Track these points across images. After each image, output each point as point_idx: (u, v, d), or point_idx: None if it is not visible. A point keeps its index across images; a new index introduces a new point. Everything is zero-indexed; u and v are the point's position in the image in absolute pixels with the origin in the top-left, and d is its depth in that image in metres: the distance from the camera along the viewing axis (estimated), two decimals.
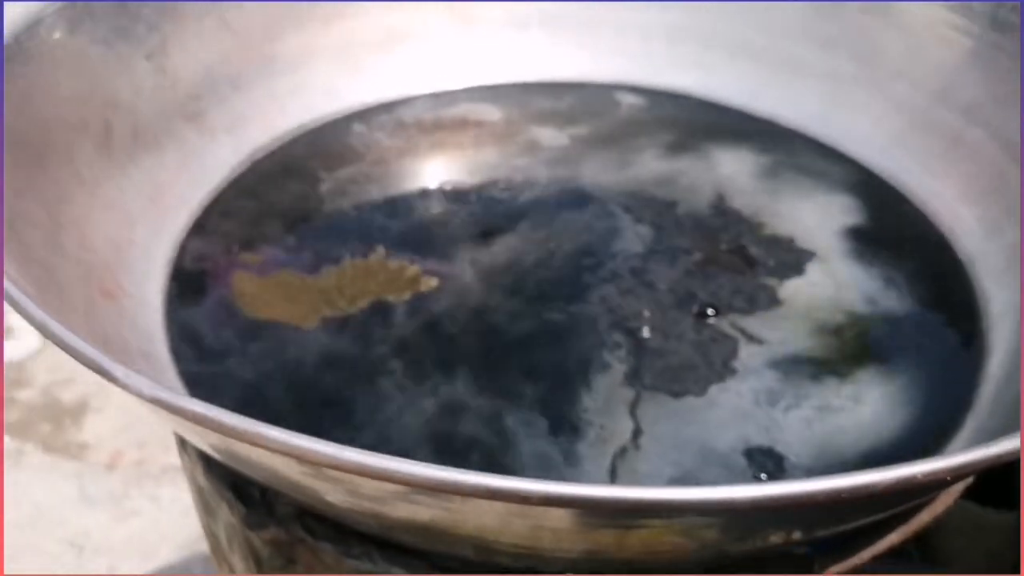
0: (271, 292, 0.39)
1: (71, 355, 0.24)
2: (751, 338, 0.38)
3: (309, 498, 0.27)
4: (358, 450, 0.21)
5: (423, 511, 0.24)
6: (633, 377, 0.36)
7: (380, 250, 0.41)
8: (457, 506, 0.23)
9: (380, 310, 0.38)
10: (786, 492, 0.21)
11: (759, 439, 0.34)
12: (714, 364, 0.37)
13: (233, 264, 0.40)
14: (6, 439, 1.03)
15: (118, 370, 0.23)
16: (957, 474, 0.22)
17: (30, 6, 0.41)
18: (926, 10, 0.48)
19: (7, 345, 1.14)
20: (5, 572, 0.80)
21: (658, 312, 0.39)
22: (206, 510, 0.36)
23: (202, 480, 0.34)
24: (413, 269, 0.40)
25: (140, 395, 0.23)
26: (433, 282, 0.39)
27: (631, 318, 0.39)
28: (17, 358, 1.14)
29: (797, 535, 0.28)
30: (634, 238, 0.43)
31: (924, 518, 0.32)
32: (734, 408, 0.35)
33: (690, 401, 0.35)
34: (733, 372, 0.37)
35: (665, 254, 0.43)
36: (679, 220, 0.45)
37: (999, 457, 0.22)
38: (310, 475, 0.23)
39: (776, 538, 0.28)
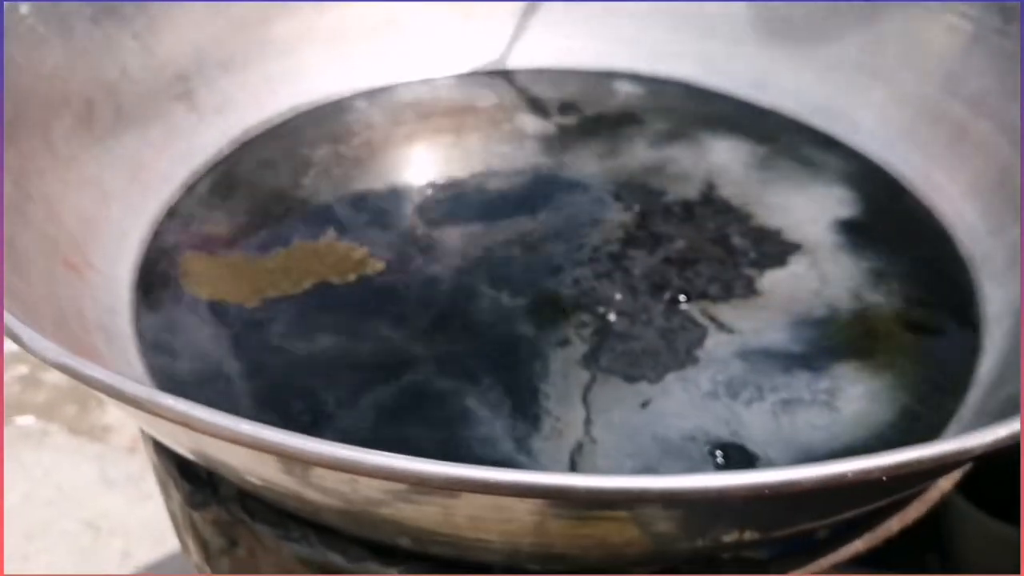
0: (218, 272, 0.39)
1: None
2: (721, 327, 0.37)
3: (221, 471, 0.26)
4: (251, 422, 0.20)
5: (333, 494, 0.23)
6: (591, 359, 0.35)
7: (331, 233, 0.41)
8: (358, 488, 0.22)
9: (321, 291, 0.38)
10: (687, 486, 0.19)
11: (717, 430, 0.32)
12: (677, 352, 0.35)
13: (192, 244, 0.40)
14: (32, 420, 1.05)
15: (25, 332, 0.23)
16: (894, 473, 0.20)
17: None
18: None
19: None
20: (5, 571, 0.81)
21: (629, 297, 0.38)
22: (161, 487, 0.36)
23: (154, 457, 0.34)
24: (361, 251, 0.39)
25: (45, 360, 0.22)
26: (380, 265, 0.39)
27: (602, 302, 0.38)
28: None
29: (750, 535, 0.27)
30: (615, 225, 0.42)
31: (893, 526, 0.30)
32: (689, 398, 0.34)
33: (643, 387, 0.34)
34: (695, 361, 0.35)
35: (645, 241, 0.41)
36: (666, 208, 0.44)
37: (939, 458, 0.21)
38: (201, 448, 0.22)
39: (728, 537, 0.27)
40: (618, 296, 0.38)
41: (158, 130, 0.45)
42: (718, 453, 0.31)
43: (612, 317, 0.36)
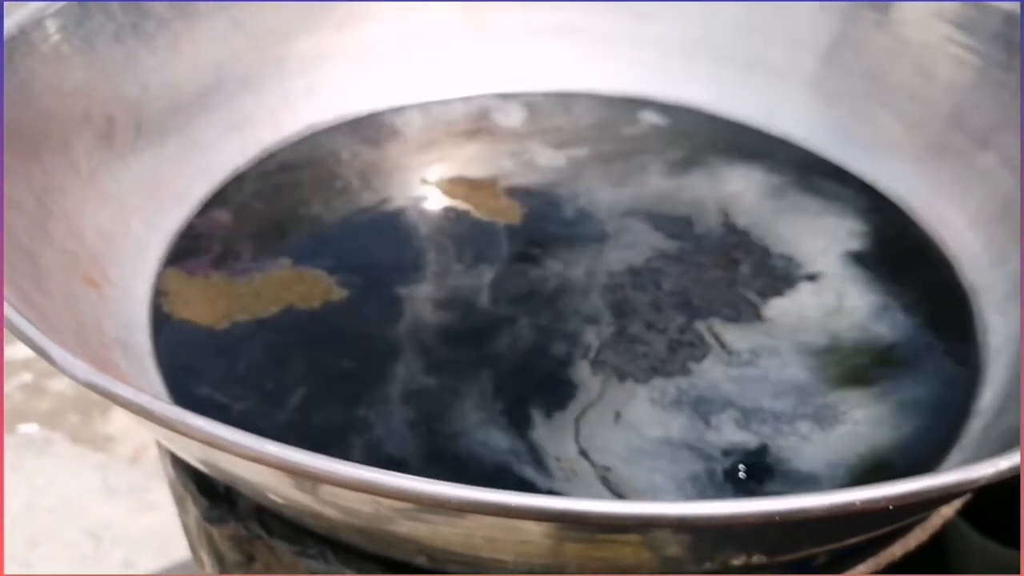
0: (193, 291, 0.40)
1: (14, 335, 0.24)
2: (723, 347, 0.38)
3: (243, 488, 0.27)
4: (276, 443, 0.21)
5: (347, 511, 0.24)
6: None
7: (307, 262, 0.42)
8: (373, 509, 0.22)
9: (289, 316, 0.39)
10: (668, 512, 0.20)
11: (681, 435, 0.34)
12: (675, 362, 0.37)
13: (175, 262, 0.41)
14: (35, 428, 1.05)
15: (55, 351, 0.23)
16: (900, 503, 0.21)
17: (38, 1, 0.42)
18: (934, 30, 0.47)
19: None
20: (5, 571, 0.81)
21: (653, 310, 0.39)
22: (178, 503, 0.36)
23: (171, 472, 0.34)
24: (328, 280, 0.40)
25: (75, 378, 0.23)
26: (344, 292, 0.40)
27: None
28: None
29: (758, 559, 0.28)
30: (620, 251, 0.43)
31: (896, 552, 0.31)
32: (657, 403, 0.35)
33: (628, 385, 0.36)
34: (687, 372, 0.36)
35: (649, 268, 0.42)
36: (673, 234, 0.45)
37: (943, 489, 0.21)
38: (228, 467, 0.23)
39: (737, 560, 0.27)
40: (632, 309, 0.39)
41: (177, 147, 0.46)
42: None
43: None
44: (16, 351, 1.12)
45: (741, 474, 0.33)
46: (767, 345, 0.39)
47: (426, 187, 0.48)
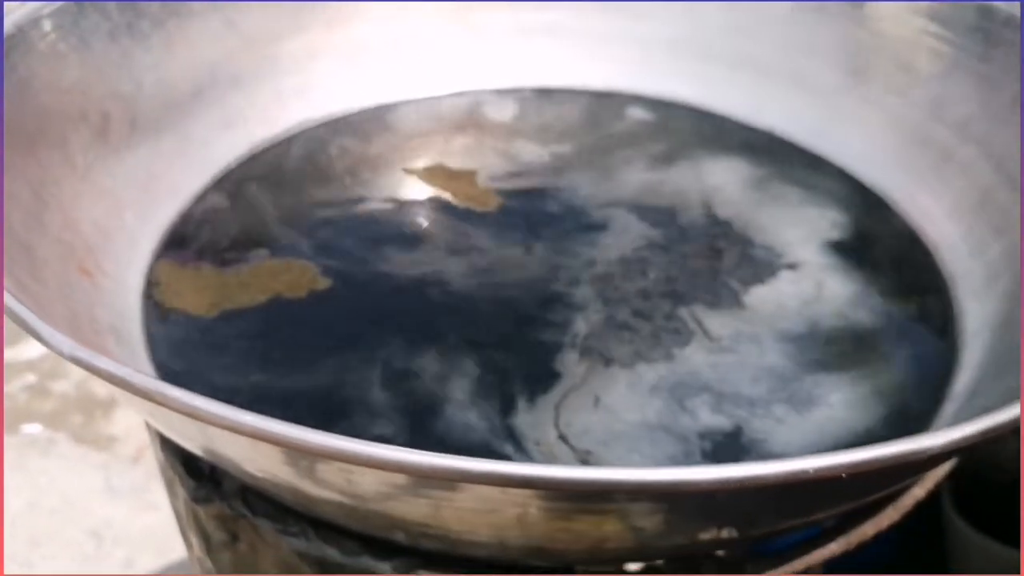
0: (184, 282, 0.41)
1: (8, 317, 0.25)
2: (706, 333, 0.38)
3: (219, 461, 0.28)
4: (252, 414, 0.22)
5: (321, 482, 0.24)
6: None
7: (292, 253, 0.43)
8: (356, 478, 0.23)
9: (275, 305, 0.40)
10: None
11: (658, 419, 0.35)
12: (660, 347, 0.38)
13: (167, 254, 0.42)
14: (39, 428, 1.06)
15: (43, 328, 0.24)
16: (853, 471, 0.22)
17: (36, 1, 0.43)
18: (910, 24, 0.48)
19: None
20: (7, 571, 0.82)
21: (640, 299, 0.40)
22: (168, 486, 0.37)
23: (160, 455, 0.35)
24: (313, 270, 0.41)
25: (61, 354, 0.24)
26: (328, 282, 0.41)
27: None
28: None
29: (728, 533, 0.28)
30: (600, 240, 0.44)
31: (867, 531, 0.32)
32: (646, 387, 0.36)
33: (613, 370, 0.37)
34: (671, 358, 0.37)
35: (633, 257, 0.43)
36: (656, 223, 0.46)
37: (894, 458, 0.22)
38: (203, 439, 0.24)
39: (707, 535, 0.28)
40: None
41: (171, 143, 0.47)
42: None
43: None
44: (20, 352, 1.13)
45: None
46: (747, 332, 0.40)
47: (409, 178, 0.49)
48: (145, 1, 0.47)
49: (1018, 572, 0.78)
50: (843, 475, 0.22)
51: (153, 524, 0.98)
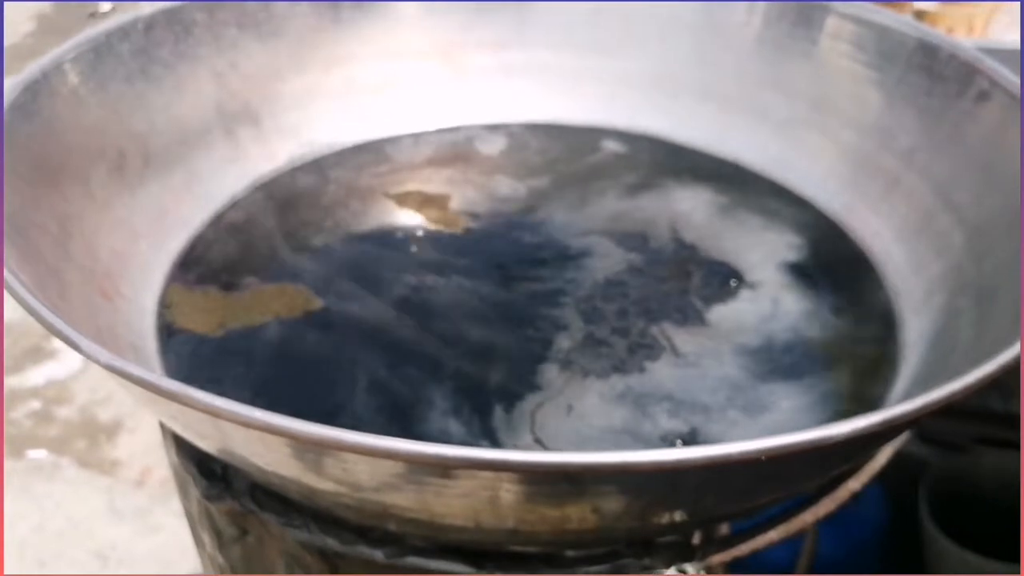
0: (192, 305, 0.45)
1: (45, 327, 0.29)
2: (673, 349, 0.42)
3: (238, 462, 0.31)
4: (263, 411, 0.26)
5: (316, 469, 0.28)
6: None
7: (292, 279, 0.47)
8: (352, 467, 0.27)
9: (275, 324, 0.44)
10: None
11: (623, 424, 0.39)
12: (632, 361, 0.42)
13: (178, 279, 0.47)
14: (44, 453, 1.09)
15: (83, 341, 0.28)
16: (771, 455, 0.26)
17: (59, 48, 0.47)
18: (859, 59, 0.52)
19: (51, 366, 1.21)
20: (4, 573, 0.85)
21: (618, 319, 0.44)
22: (181, 489, 0.41)
23: (175, 459, 0.39)
24: (307, 293, 0.46)
25: (98, 362, 0.28)
26: (320, 302, 0.46)
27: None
28: (60, 377, 1.20)
29: (680, 516, 0.32)
30: (582, 263, 0.48)
31: (807, 519, 0.35)
32: (611, 398, 0.40)
33: (589, 381, 0.40)
34: (642, 371, 0.41)
35: (609, 280, 0.47)
36: (625, 247, 0.50)
37: (802, 444, 0.26)
38: (218, 435, 0.27)
39: (661, 520, 0.32)
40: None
41: (180, 177, 0.51)
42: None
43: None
44: (25, 379, 1.16)
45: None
46: (709, 347, 0.44)
47: (396, 207, 0.53)
48: (156, 48, 0.52)
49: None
50: (762, 458, 0.25)
51: (156, 545, 1.01)
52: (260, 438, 0.27)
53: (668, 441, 0.38)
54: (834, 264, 0.49)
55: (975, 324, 0.41)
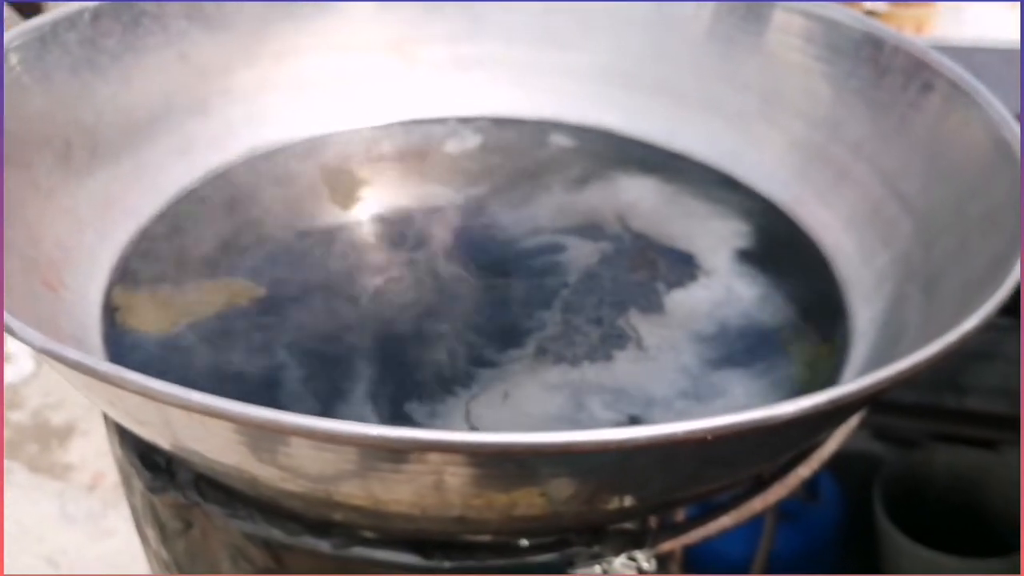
0: (137, 299, 0.45)
1: None
2: (638, 337, 0.43)
3: (175, 448, 0.31)
4: (200, 393, 0.25)
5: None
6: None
7: (234, 273, 0.47)
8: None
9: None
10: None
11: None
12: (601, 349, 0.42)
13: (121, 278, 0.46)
14: None
15: (16, 324, 0.27)
16: (717, 434, 0.26)
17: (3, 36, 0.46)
18: (808, 52, 0.52)
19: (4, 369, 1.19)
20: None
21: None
22: (125, 482, 0.40)
23: (118, 451, 0.38)
24: (253, 287, 0.46)
25: (32, 346, 0.27)
26: (262, 291, 0.46)
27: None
28: (11, 381, 1.18)
29: (629, 502, 0.32)
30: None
31: (756, 505, 0.36)
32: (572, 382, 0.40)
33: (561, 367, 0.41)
34: (609, 359, 0.41)
35: (558, 267, 0.47)
36: (576, 237, 0.50)
37: (750, 423, 0.26)
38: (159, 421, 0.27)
39: (610, 505, 0.32)
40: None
41: (129, 168, 0.50)
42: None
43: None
44: None
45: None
46: (667, 335, 0.44)
47: (343, 201, 0.53)
48: (103, 38, 0.51)
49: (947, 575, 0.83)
50: (708, 437, 0.25)
51: (108, 550, 0.99)
52: (200, 421, 0.26)
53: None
54: (785, 253, 0.50)
55: (921, 310, 0.41)
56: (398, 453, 0.26)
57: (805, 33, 0.53)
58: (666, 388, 0.41)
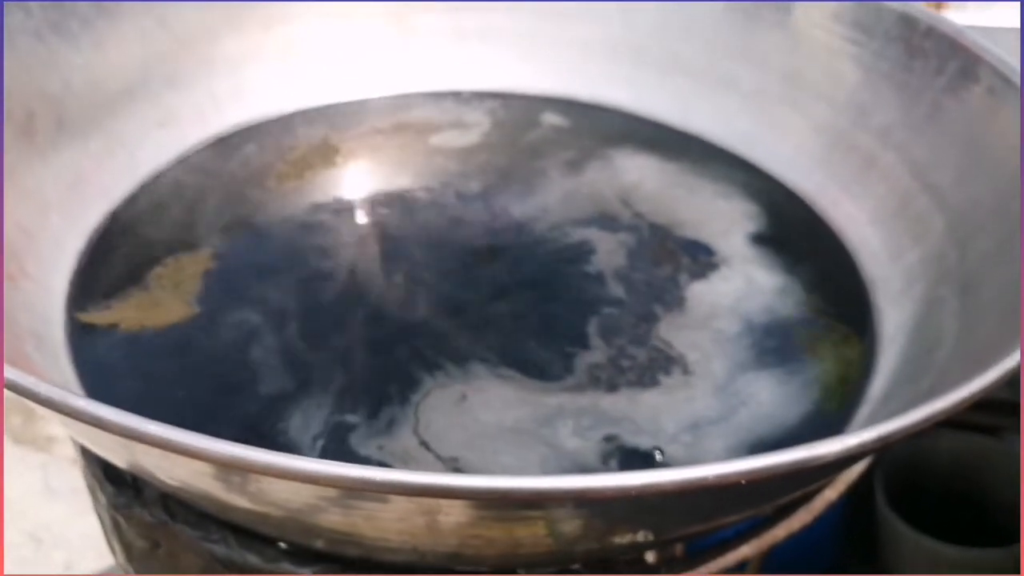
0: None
1: None
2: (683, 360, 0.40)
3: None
4: (158, 423, 0.22)
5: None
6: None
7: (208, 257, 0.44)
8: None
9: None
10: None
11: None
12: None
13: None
14: None
15: None
16: (751, 478, 0.22)
17: None
18: (835, 32, 0.49)
19: None
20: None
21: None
22: (90, 492, 0.37)
23: (82, 462, 0.35)
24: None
25: None
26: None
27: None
28: None
29: (644, 536, 0.29)
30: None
31: (779, 534, 0.33)
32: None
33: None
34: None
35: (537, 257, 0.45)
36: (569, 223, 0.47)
37: (788, 465, 0.23)
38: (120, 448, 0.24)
39: (622, 540, 0.29)
40: None
41: (100, 143, 0.47)
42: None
43: None
44: None
45: (658, 456, 0.34)
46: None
47: (334, 178, 0.49)
48: (72, 1, 0.47)
49: (951, 567, 0.81)
50: (742, 481, 0.22)
51: (93, 526, 0.97)
52: (161, 453, 0.23)
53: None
54: (807, 246, 0.46)
55: (959, 316, 0.38)
56: (381, 495, 0.23)
57: (832, 9, 0.49)
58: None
